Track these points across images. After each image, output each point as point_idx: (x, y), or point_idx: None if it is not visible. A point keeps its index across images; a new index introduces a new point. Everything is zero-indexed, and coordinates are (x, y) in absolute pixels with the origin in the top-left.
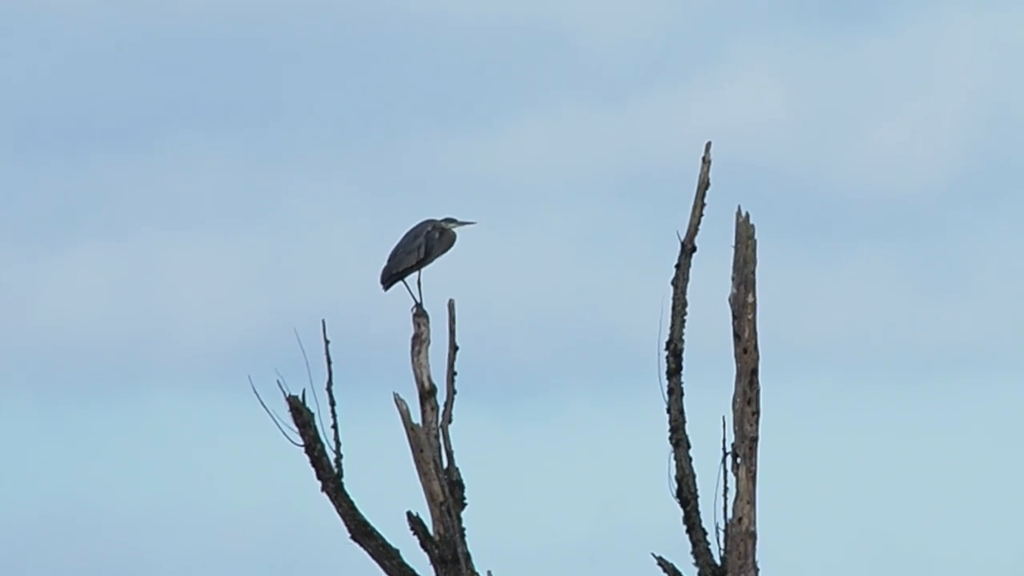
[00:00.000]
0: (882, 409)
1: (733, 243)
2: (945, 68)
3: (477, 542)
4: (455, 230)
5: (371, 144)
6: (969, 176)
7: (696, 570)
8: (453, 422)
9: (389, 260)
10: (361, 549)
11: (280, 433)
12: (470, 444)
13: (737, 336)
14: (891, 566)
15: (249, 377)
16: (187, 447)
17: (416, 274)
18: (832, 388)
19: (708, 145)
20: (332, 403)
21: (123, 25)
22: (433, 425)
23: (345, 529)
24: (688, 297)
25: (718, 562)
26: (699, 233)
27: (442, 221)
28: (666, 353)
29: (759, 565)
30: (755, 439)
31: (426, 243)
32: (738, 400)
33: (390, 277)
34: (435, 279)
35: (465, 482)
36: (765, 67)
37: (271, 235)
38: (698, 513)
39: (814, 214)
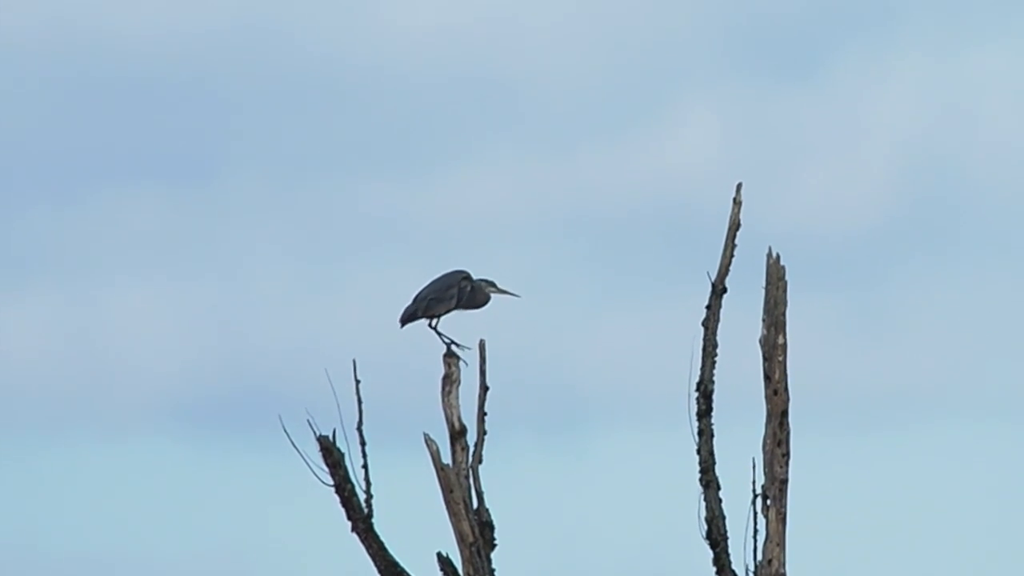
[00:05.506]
0: (913, 452)
1: (763, 284)
2: (879, 120)
3: None
4: (492, 293)
5: (319, 192)
6: (905, 223)
7: None
8: (483, 463)
9: (416, 303)
10: None
11: (310, 473)
12: (501, 485)
13: (767, 378)
14: None
15: (280, 416)
16: (215, 487)
17: (435, 320)
18: (863, 430)
19: (739, 186)
20: (362, 443)
21: (55, 70)
22: (463, 465)
23: (375, 570)
24: (718, 339)
25: None
26: (729, 274)
27: (481, 281)
28: (696, 395)
29: None
30: (785, 481)
31: (459, 295)
32: (768, 442)
33: (412, 319)
34: (455, 321)
35: (495, 523)
36: (710, 117)
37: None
38: (728, 555)
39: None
